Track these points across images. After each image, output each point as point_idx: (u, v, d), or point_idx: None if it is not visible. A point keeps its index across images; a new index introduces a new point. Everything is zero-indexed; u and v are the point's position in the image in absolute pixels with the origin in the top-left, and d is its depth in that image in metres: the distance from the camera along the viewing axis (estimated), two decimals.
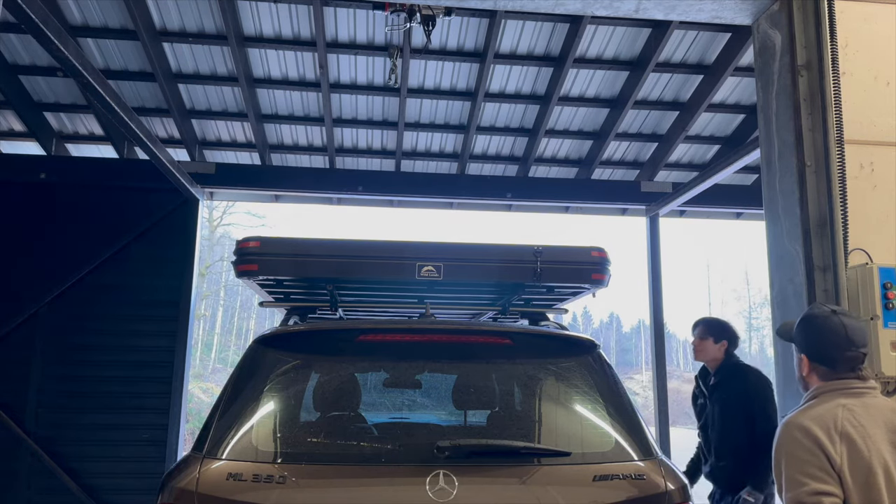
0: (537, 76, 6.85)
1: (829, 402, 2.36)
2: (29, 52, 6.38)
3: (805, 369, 2.49)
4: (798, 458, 2.24)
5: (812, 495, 2.17)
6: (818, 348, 2.45)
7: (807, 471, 2.21)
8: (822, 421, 2.28)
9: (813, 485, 2.19)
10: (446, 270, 3.26)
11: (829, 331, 2.43)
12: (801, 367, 2.51)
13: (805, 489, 2.19)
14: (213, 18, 6.10)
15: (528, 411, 2.77)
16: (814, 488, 2.18)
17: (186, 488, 2.19)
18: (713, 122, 7.55)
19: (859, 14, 3.83)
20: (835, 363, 2.40)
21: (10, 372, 6.68)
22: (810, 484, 2.19)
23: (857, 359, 2.40)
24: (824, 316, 2.48)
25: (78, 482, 6.61)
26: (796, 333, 2.56)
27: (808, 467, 2.21)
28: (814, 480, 2.19)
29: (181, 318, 6.97)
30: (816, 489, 2.18)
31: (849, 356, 2.39)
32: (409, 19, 5.64)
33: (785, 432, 2.32)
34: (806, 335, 2.51)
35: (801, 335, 2.53)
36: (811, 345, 2.47)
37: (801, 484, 2.20)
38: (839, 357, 2.39)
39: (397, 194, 7.85)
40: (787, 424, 2.34)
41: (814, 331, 2.48)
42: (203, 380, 34.52)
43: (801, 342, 2.53)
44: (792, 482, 2.23)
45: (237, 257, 3.31)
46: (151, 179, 6.81)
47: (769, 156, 3.99)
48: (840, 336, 2.40)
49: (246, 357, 2.66)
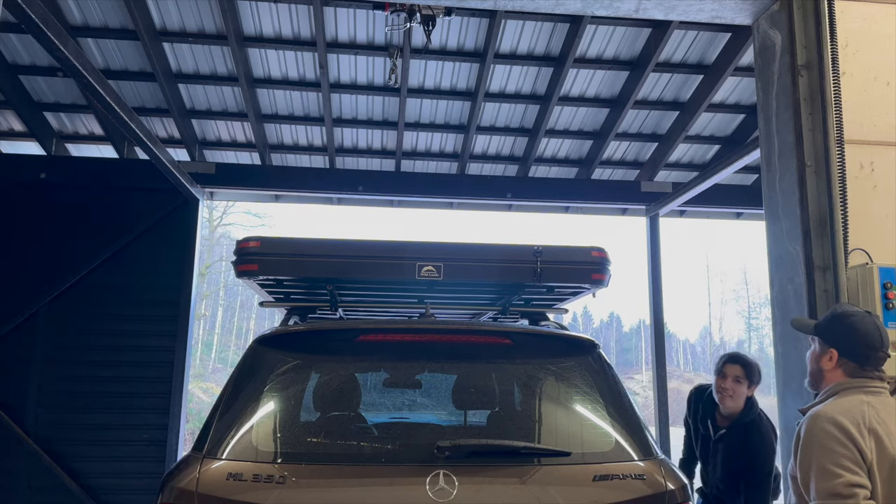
0: (537, 76, 6.85)
1: (852, 398, 2.43)
2: (29, 52, 6.38)
3: (831, 364, 2.54)
4: (831, 451, 2.28)
5: (848, 487, 2.22)
6: (853, 345, 2.52)
7: (841, 463, 2.25)
8: (852, 416, 2.34)
9: (848, 476, 2.23)
10: (446, 270, 3.26)
11: (866, 329, 2.52)
12: (822, 361, 2.57)
13: (840, 480, 2.23)
14: (213, 18, 6.10)
15: (528, 411, 2.77)
16: (849, 480, 2.22)
17: (186, 488, 2.19)
18: (713, 122, 7.55)
19: (859, 14, 3.84)
20: (866, 361, 2.49)
21: (10, 372, 6.68)
22: (845, 475, 2.23)
23: (883, 359, 2.52)
24: (861, 315, 2.57)
25: (78, 482, 6.61)
26: (826, 328, 2.61)
27: (843, 459, 2.26)
28: (848, 472, 2.24)
29: (181, 318, 6.97)
30: (852, 481, 2.22)
31: (879, 356, 2.50)
32: (409, 19, 5.64)
33: (815, 425, 2.35)
34: (841, 331, 2.57)
35: (835, 330, 2.58)
36: (845, 340, 2.54)
37: (835, 475, 2.24)
38: (872, 356, 2.49)
39: (397, 194, 7.85)
40: (816, 417, 2.37)
41: (850, 328, 2.55)
42: (203, 380, 34.50)
43: (832, 337, 2.57)
44: (826, 473, 2.26)
45: (237, 257, 3.31)
46: (151, 179, 6.81)
47: (769, 156, 3.99)
48: (875, 336, 2.51)
49: (246, 357, 2.66)
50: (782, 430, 3.88)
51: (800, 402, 3.48)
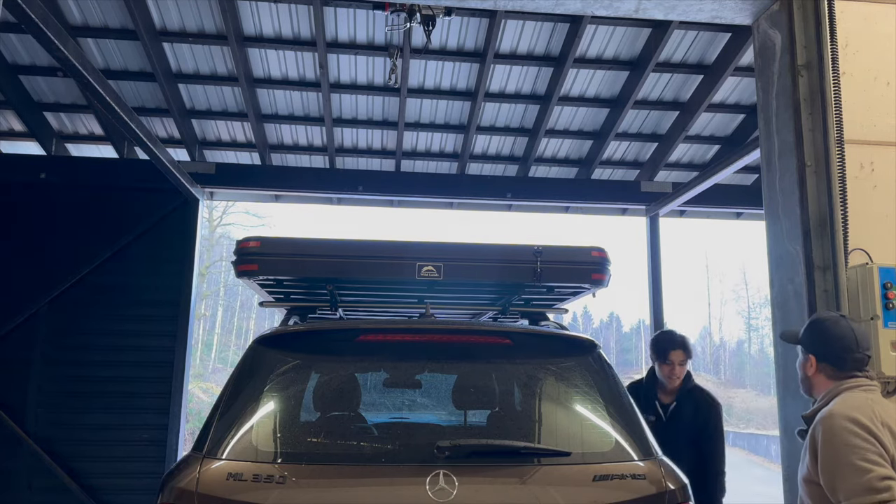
0: (537, 76, 6.85)
1: (857, 395, 2.46)
2: (29, 52, 6.38)
3: (812, 369, 2.62)
4: (857, 447, 2.28)
5: (882, 480, 2.21)
6: (828, 349, 2.59)
7: (868, 458, 2.25)
8: (865, 412, 2.36)
9: (879, 470, 2.23)
10: (446, 270, 3.26)
11: (839, 333, 2.58)
12: (806, 368, 2.65)
13: (873, 475, 2.22)
14: (213, 18, 6.10)
15: (528, 411, 2.77)
16: (881, 473, 2.22)
17: (186, 488, 2.19)
18: (713, 122, 7.55)
19: (859, 14, 3.84)
20: (843, 363, 2.55)
21: (10, 372, 6.68)
22: (876, 469, 2.23)
23: (863, 360, 2.56)
24: (834, 320, 2.65)
25: (78, 482, 6.61)
26: (805, 336, 2.69)
27: (869, 454, 2.26)
28: (878, 466, 2.24)
29: (181, 318, 6.97)
30: (884, 474, 2.22)
31: (857, 357, 2.55)
32: (409, 19, 5.64)
33: (833, 424, 2.36)
34: (816, 337, 2.64)
35: (811, 337, 2.67)
36: (821, 346, 2.61)
37: (866, 470, 2.23)
38: (848, 357, 2.54)
39: (397, 194, 7.85)
40: (831, 416, 2.38)
41: (824, 333, 2.62)
42: (203, 380, 34.51)
43: (810, 344, 2.66)
44: (855, 469, 2.25)
45: (237, 257, 3.31)
46: (151, 179, 6.80)
47: (769, 156, 3.99)
48: (849, 339, 2.56)
49: (246, 357, 2.66)
50: (782, 430, 3.88)
51: (800, 403, 3.48)
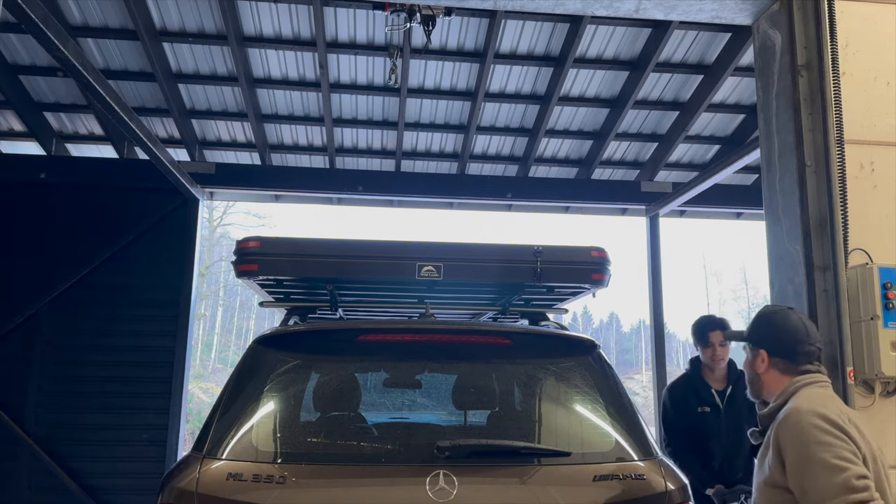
0: (537, 76, 6.85)
1: (817, 391, 2.39)
2: (29, 52, 6.38)
3: (763, 366, 2.53)
4: (830, 444, 2.17)
5: (859, 478, 2.10)
6: (779, 342, 2.51)
7: (842, 455, 2.15)
8: (832, 408, 2.27)
9: (854, 468, 2.13)
10: (446, 270, 3.26)
11: (790, 326, 2.52)
12: (756, 365, 2.55)
13: (850, 473, 2.11)
14: (213, 18, 6.10)
15: (528, 411, 2.77)
16: (857, 471, 2.12)
17: (186, 488, 2.19)
18: (713, 122, 7.55)
19: (859, 14, 3.83)
20: (795, 356, 2.47)
21: (10, 372, 6.68)
22: (852, 468, 2.13)
23: (814, 353, 2.49)
24: (783, 311, 2.58)
25: (78, 482, 6.61)
26: (754, 332, 2.61)
27: (843, 452, 2.15)
28: (853, 464, 2.14)
29: (181, 318, 6.97)
30: (860, 472, 2.12)
31: (809, 349, 2.48)
32: (409, 19, 5.63)
33: (800, 421, 2.24)
34: (766, 331, 2.57)
35: (761, 332, 2.59)
36: (772, 340, 2.53)
37: (841, 469, 2.12)
38: (800, 350, 2.47)
39: (397, 194, 7.85)
40: (797, 414, 2.27)
41: (775, 326, 2.55)
42: (203, 380, 34.49)
43: (759, 339, 2.58)
44: (830, 468, 2.13)
45: (237, 257, 3.31)
46: (151, 179, 6.80)
47: (769, 156, 3.99)
48: (800, 330, 2.50)
49: (246, 357, 2.66)
50: None
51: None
